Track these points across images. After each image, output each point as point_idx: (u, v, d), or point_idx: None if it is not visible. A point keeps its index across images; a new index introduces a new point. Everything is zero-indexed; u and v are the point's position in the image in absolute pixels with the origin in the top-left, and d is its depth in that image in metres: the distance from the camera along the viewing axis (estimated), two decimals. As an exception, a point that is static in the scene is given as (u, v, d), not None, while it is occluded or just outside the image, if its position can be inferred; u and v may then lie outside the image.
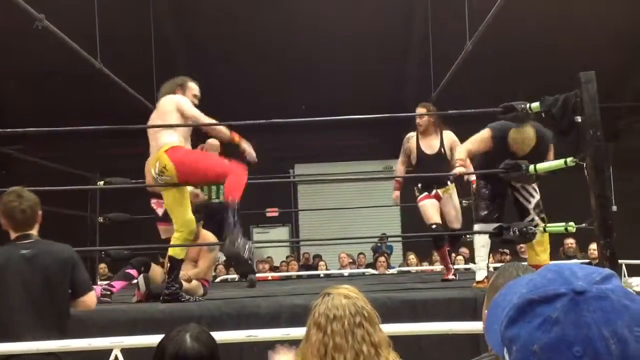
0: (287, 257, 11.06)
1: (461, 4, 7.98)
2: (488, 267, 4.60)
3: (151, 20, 10.09)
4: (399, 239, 12.40)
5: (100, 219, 6.59)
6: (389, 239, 11.43)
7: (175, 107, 4.34)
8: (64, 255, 3.01)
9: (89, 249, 6.63)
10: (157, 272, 5.41)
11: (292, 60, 11.20)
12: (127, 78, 8.99)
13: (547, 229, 4.24)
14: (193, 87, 4.77)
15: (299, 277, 8.21)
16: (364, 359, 1.80)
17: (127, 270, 5.19)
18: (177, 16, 10.91)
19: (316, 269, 9.95)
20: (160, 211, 5.78)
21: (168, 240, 5.69)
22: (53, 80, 10.93)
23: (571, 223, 4.03)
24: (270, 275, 8.81)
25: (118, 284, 4.76)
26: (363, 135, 12.37)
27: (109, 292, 4.61)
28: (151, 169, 4.34)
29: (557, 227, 4.17)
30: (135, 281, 4.61)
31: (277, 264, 10.51)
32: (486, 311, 1.70)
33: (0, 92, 11.56)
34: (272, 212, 10.22)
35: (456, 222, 5.66)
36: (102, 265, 9.41)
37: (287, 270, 9.49)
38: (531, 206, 4.46)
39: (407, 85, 11.81)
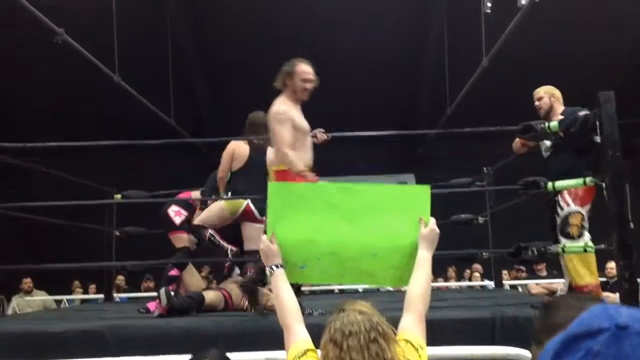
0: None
1: (477, 19, 7.98)
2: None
3: (168, 35, 10.19)
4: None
5: (117, 233, 6.62)
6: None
7: (269, 125, 4.15)
8: None
9: (106, 264, 6.66)
10: (192, 273, 5.44)
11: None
12: (144, 92, 9.06)
13: (565, 249, 4.21)
14: (301, 71, 4.30)
15: (312, 292, 8.18)
16: None
17: (169, 274, 5.29)
18: (194, 31, 10.99)
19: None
20: (178, 220, 5.78)
21: (187, 249, 5.75)
22: (71, 93, 11.03)
23: (590, 244, 4.00)
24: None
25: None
26: (377, 150, 12.36)
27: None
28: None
29: (576, 247, 4.14)
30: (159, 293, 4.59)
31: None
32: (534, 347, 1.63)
33: (19, 105, 11.68)
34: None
35: None
36: (120, 278, 9.46)
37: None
38: (558, 221, 4.36)
39: (422, 100, 11.82)
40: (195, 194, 5.91)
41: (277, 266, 2.31)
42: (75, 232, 6.91)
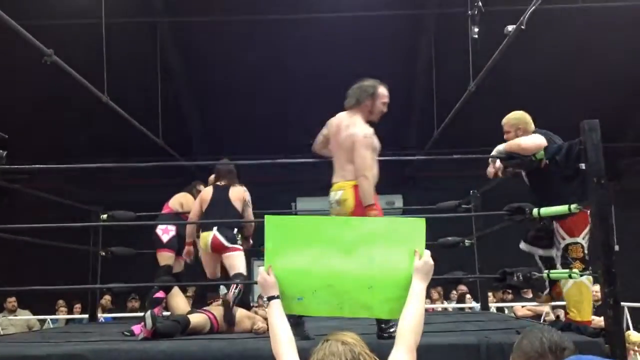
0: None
1: (465, 44, 8.07)
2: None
3: (158, 56, 10.22)
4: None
5: (103, 253, 6.59)
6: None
7: (353, 147, 4.13)
8: None
9: (91, 286, 6.62)
10: (176, 295, 5.46)
11: (296, 93, 11.29)
12: (133, 112, 9.07)
13: (550, 275, 4.23)
14: (383, 95, 4.35)
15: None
16: None
17: (154, 296, 5.40)
18: (183, 52, 11.03)
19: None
20: (165, 237, 5.92)
21: (169, 267, 5.79)
22: (60, 113, 11.00)
23: (575, 270, 4.03)
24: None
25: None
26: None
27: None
28: (332, 191, 4.25)
29: (561, 273, 4.16)
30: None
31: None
32: None
33: (6, 124, 11.63)
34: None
35: None
36: (107, 298, 9.39)
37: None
38: (559, 251, 4.29)
39: (410, 124, 11.90)
40: (174, 201, 6.13)
41: (273, 297, 2.38)
42: (61, 252, 6.86)
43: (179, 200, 6.16)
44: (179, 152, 11.43)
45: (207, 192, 5.65)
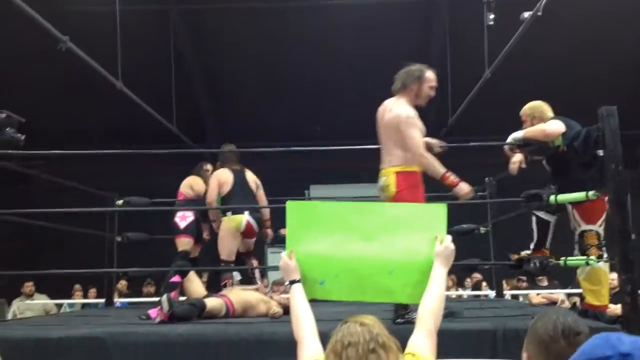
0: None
1: (480, 30, 8.01)
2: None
3: (171, 42, 10.23)
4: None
5: (119, 238, 6.64)
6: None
7: (398, 129, 4.10)
8: None
9: (108, 270, 6.68)
10: (192, 280, 5.52)
11: (310, 81, 11.27)
12: (147, 98, 9.10)
13: (567, 261, 4.22)
14: (430, 78, 4.30)
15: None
16: None
17: (170, 280, 5.47)
18: (196, 39, 11.03)
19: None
20: (183, 224, 6.00)
21: (186, 252, 5.85)
22: (75, 99, 11.06)
23: (592, 257, 4.01)
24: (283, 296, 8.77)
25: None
26: (378, 158, 12.37)
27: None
28: (379, 177, 4.23)
29: (578, 260, 4.14)
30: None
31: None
32: (525, 354, 1.70)
33: (22, 111, 11.71)
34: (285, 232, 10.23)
35: None
36: (123, 283, 9.46)
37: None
38: (575, 234, 4.30)
39: (424, 110, 11.83)
40: (185, 186, 6.21)
41: (294, 282, 2.42)
42: (77, 237, 6.92)
43: (189, 184, 6.23)
44: (192, 140, 11.46)
45: (225, 175, 5.75)
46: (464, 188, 3.98)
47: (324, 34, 10.50)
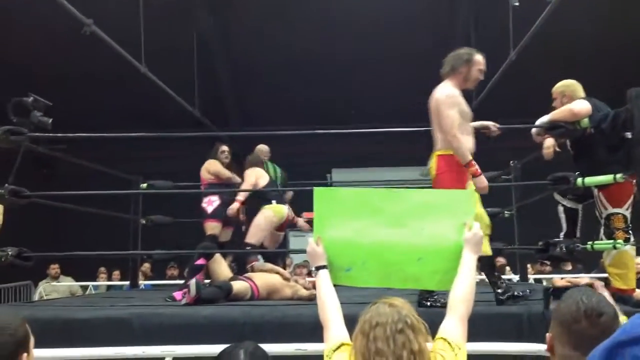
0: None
1: (505, 11, 7.90)
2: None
3: (194, 27, 10.24)
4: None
5: (143, 221, 6.70)
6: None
7: (438, 110, 4.03)
8: None
9: (133, 252, 6.75)
10: (219, 262, 5.58)
11: (332, 64, 11.23)
12: (169, 82, 9.13)
13: (594, 246, 4.17)
14: (479, 61, 4.21)
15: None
16: None
17: (195, 263, 5.53)
18: (219, 23, 11.02)
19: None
20: (210, 209, 6.13)
21: (214, 236, 5.92)
22: (99, 82, 11.14)
23: (619, 240, 3.96)
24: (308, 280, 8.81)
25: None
26: (401, 142, 12.31)
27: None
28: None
29: (605, 244, 4.10)
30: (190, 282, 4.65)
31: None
32: (549, 334, 1.69)
33: (47, 94, 11.83)
34: (308, 216, 10.25)
35: None
36: (146, 265, 9.56)
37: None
38: (602, 220, 4.24)
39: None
40: (203, 172, 6.31)
41: (321, 267, 2.43)
42: (102, 219, 6.99)
43: (205, 168, 6.29)
44: (214, 123, 11.49)
45: (261, 171, 6.26)
46: (483, 181, 3.94)
47: (350, 14, 10.44)
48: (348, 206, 2.48)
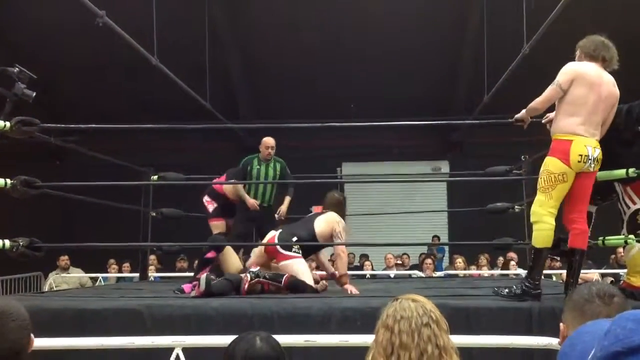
0: (331, 255, 11.02)
1: (519, 4, 7.84)
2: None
3: (205, 19, 10.23)
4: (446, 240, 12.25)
5: (153, 214, 6.70)
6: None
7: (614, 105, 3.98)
8: None
9: (143, 244, 6.77)
10: (230, 255, 5.55)
11: (342, 57, 11.20)
12: (181, 75, 9.14)
13: (605, 241, 4.14)
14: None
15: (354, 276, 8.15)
16: (427, 358, 1.83)
17: (205, 256, 5.45)
18: (231, 15, 11.00)
19: (362, 268, 9.92)
20: (210, 208, 6.06)
21: (222, 233, 5.91)
22: (111, 74, 11.18)
23: (631, 236, 3.93)
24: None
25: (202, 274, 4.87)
26: (411, 136, 12.29)
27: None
28: None
29: (617, 239, 4.06)
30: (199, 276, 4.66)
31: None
32: (562, 325, 1.67)
33: (58, 86, 11.88)
34: (316, 210, 10.23)
35: None
36: (152, 257, 9.58)
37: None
38: (625, 216, 4.12)
39: (459, 86, 11.68)
40: (238, 187, 6.11)
41: None
42: (112, 212, 7.01)
43: (235, 187, 6.14)
44: (225, 116, 11.50)
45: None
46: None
47: (363, 7, 10.40)
48: None
